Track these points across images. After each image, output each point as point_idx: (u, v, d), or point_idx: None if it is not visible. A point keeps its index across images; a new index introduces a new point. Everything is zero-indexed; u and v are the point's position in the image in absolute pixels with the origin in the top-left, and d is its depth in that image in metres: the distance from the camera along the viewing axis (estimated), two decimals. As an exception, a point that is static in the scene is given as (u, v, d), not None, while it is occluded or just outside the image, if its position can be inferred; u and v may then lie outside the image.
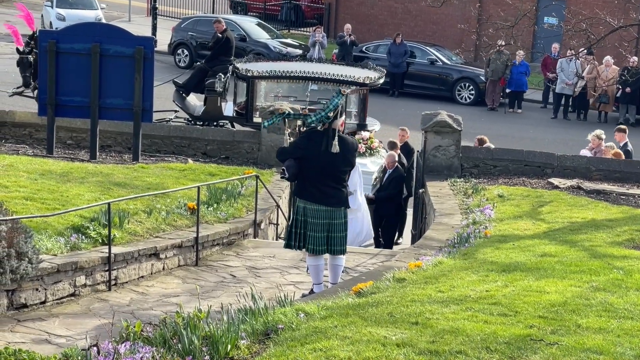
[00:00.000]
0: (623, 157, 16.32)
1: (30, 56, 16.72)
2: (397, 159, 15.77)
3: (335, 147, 9.62)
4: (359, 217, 14.76)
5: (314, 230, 9.87)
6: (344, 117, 9.96)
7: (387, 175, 15.95)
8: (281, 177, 10.06)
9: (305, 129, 10.12)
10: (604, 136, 17.08)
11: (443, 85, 29.96)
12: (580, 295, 7.95)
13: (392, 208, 16.09)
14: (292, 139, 10.06)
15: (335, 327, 7.13)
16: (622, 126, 18.34)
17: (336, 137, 9.68)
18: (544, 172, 15.54)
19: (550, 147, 17.42)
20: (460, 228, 11.69)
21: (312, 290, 10.11)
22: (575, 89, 27.56)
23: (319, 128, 9.81)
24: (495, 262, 9.40)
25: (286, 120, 9.80)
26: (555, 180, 14.75)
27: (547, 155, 15.96)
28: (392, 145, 16.45)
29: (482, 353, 6.49)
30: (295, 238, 9.95)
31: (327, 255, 10.18)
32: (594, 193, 13.92)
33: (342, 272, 10.50)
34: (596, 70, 27.18)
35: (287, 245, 10.14)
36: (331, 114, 9.69)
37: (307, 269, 10.43)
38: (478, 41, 22.11)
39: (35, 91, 17.17)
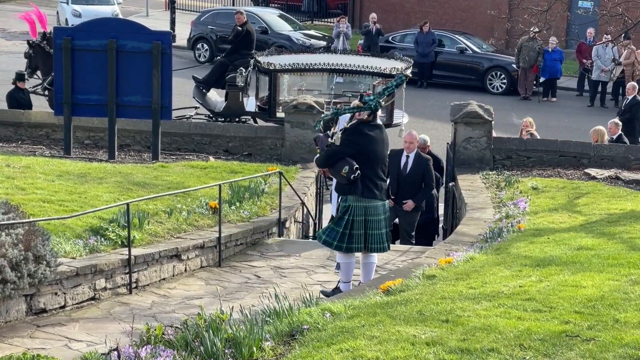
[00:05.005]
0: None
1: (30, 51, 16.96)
2: None
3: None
4: None
5: (372, 228, 9.71)
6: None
7: None
8: (353, 178, 9.62)
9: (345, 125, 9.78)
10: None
11: (473, 75, 29.56)
12: (619, 289, 7.83)
13: (432, 230, 14.85)
14: (339, 135, 9.72)
15: (363, 327, 7.12)
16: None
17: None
18: (580, 163, 15.32)
19: (586, 136, 17.11)
20: (493, 222, 11.61)
21: (337, 287, 9.93)
22: (612, 76, 27.06)
23: (364, 117, 9.63)
24: (529, 257, 9.32)
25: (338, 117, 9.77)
26: (592, 171, 14.57)
27: (583, 145, 15.73)
28: None
29: (516, 350, 6.40)
30: (355, 240, 9.68)
31: (358, 254, 9.99)
32: (633, 183, 13.72)
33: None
34: (634, 55, 26.70)
35: (338, 248, 9.81)
36: (382, 101, 9.63)
37: (337, 267, 10.11)
38: (509, 27, 21.74)
39: (47, 91, 17.17)
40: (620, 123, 17.26)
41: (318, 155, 10.05)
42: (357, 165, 9.49)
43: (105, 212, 10.52)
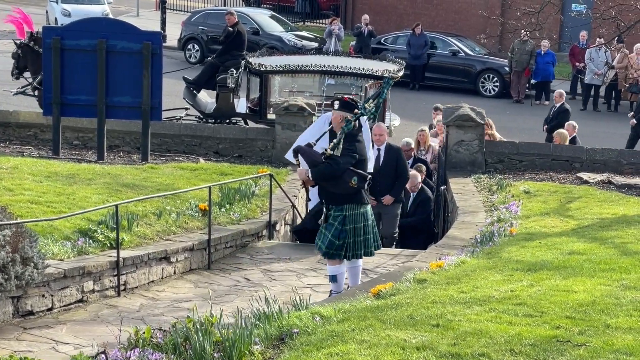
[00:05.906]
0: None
1: (19, 50, 16.90)
2: (419, 179, 14.44)
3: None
4: None
5: (368, 232, 9.74)
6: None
7: (411, 199, 14.46)
8: (368, 186, 9.58)
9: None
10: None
11: (466, 77, 29.52)
12: (610, 294, 7.84)
13: (426, 232, 14.56)
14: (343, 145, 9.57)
15: (353, 331, 7.11)
16: (439, 105, 18.09)
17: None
18: (572, 167, 15.29)
19: (579, 140, 17.18)
20: (484, 226, 11.55)
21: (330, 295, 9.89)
22: (605, 79, 27.05)
23: (351, 125, 9.54)
24: (520, 261, 9.30)
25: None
26: (584, 175, 14.52)
27: (575, 149, 15.75)
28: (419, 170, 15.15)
29: (506, 355, 6.43)
30: (347, 247, 9.69)
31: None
32: (625, 188, 13.66)
33: (361, 273, 10.29)
34: (627, 59, 26.67)
35: (337, 256, 9.77)
36: (367, 106, 9.64)
37: (331, 278, 10.00)
38: (502, 29, 21.71)
39: (36, 90, 17.08)
40: (577, 125, 17.38)
41: (309, 169, 9.63)
42: (370, 176, 9.51)
43: (94, 213, 10.46)
